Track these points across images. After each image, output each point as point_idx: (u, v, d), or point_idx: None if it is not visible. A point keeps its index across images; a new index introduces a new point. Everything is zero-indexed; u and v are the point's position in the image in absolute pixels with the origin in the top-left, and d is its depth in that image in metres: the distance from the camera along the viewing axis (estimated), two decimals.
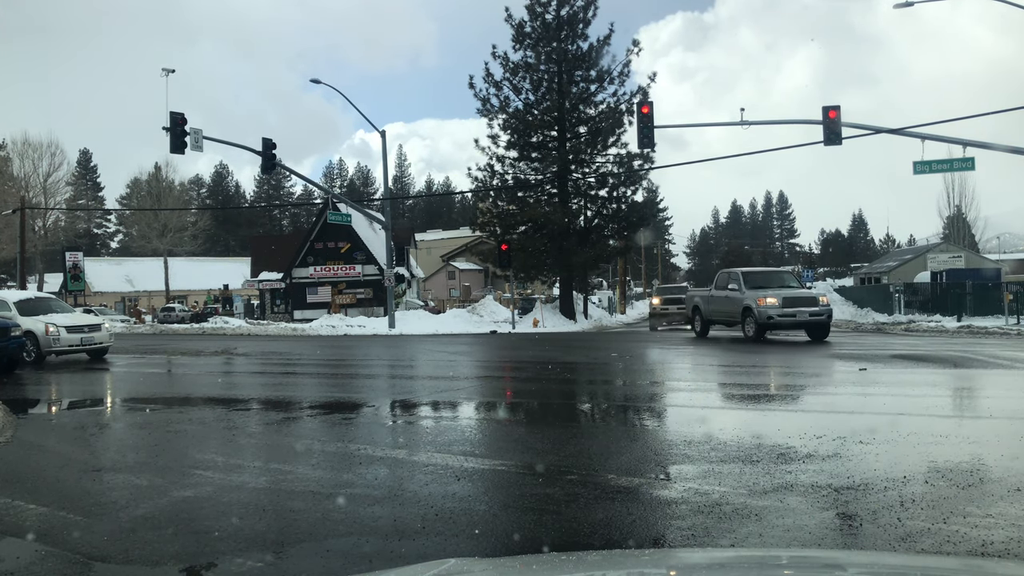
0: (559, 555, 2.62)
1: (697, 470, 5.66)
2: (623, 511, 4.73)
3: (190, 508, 5.00)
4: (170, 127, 23.71)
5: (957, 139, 21.37)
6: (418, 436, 7.69)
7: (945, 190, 65.72)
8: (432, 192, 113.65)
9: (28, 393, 12.79)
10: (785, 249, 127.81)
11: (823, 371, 12.96)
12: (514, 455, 6.55)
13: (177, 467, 6.31)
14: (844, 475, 5.34)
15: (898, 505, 4.62)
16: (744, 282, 20.19)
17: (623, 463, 6.02)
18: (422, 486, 5.36)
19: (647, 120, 22.30)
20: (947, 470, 5.45)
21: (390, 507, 4.90)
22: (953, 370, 12.63)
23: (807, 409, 9.16)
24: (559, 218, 32.24)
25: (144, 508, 5.03)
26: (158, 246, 59.55)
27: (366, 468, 6.02)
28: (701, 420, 8.20)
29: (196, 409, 10.11)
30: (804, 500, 4.80)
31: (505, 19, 33.14)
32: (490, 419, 8.96)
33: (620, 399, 10.77)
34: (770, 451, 6.15)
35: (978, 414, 8.37)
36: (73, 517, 4.87)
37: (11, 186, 52.87)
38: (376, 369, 16.36)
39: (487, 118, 33.89)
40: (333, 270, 42.13)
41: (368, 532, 4.43)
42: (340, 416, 9.24)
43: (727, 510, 4.62)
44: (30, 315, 17.45)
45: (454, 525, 4.47)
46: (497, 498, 5.18)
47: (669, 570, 2.08)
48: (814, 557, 2.69)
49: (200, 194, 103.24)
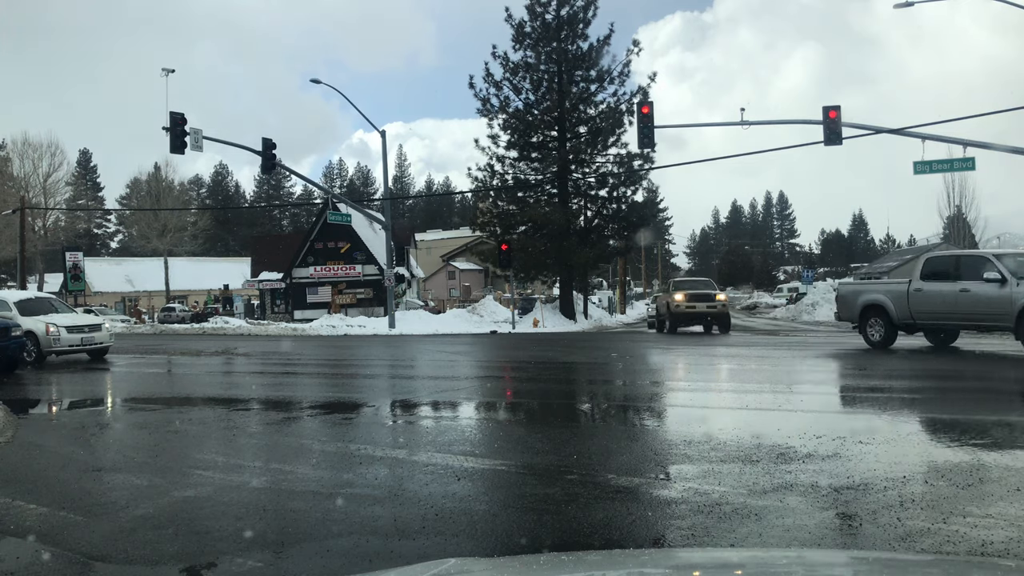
0: (559, 555, 2.62)
1: (697, 470, 5.66)
2: (623, 511, 4.74)
3: (190, 508, 5.01)
4: (170, 127, 23.73)
5: (957, 139, 21.40)
6: (418, 436, 7.69)
7: (945, 190, 65.75)
8: (432, 192, 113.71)
9: (29, 393, 12.80)
10: (785, 249, 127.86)
11: (824, 369, 12.96)
12: (514, 455, 6.55)
13: (177, 467, 6.31)
14: (844, 475, 5.34)
15: (898, 505, 4.62)
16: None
17: (623, 463, 6.02)
18: (422, 486, 5.36)
19: (647, 120, 22.32)
20: (947, 470, 5.45)
21: (390, 507, 4.91)
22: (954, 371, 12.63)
23: (807, 409, 9.15)
24: (559, 218, 32.26)
25: (144, 508, 5.04)
26: (158, 246, 59.56)
27: (366, 468, 6.02)
28: (701, 420, 8.20)
29: (196, 409, 10.12)
30: (804, 500, 4.80)
31: (505, 19, 33.22)
32: (490, 419, 8.96)
33: (620, 399, 10.77)
34: (770, 451, 6.15)
35: (980, 414, 8.36)
36: (73, 517, 4.87)
37: (11, 186, 52.90)
38: (376, 369, 16.36)
39: (487, 118, 33.97)
40: (333, 270, 42.16)
41: (368, 532, 4.43)
42: (340, 416, 9.24)
43: (727, 510, 4.62)
44: (31, 315, 17.46)
45: (454, 525, 4.47)
46: (497, 498, 5.18)
47: (669, 570, 2.07)
48: (814, 557, 2.68)
49: (200, 194, 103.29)
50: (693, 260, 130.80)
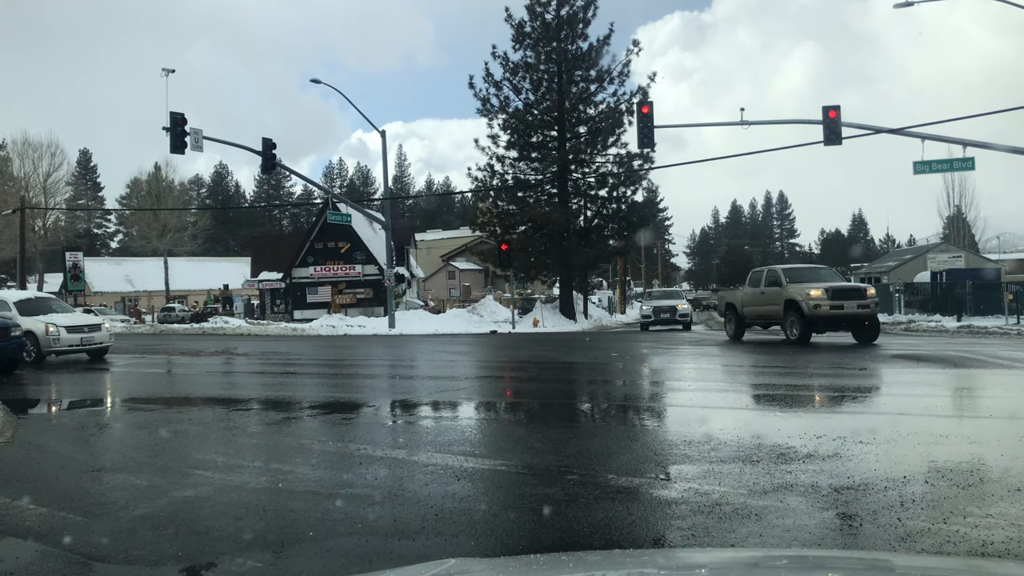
0: (559, 555, 2.62)
1: (697, 470, 5.66)
2: (623, 511, 4.73)
3: (190, 508, 5.00)
4: (170, 127, 23.72)
5: (957, 139, 21.39)
6: (418, 436, 7.69)
7: (945, 190, 65.85)
8: (432, 192, 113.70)
9: (28, 393, 12.79)
10: (785, 249, 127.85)
11: (824, 371, 12.96)
12: (514, 455, 6.55)
13: (177, 467, 6.30)
14: (844, 475, 5.33)
15: (898, 505, 4.61)
16: None
17: (623, 463, 6.02)
18: (422, 486, 5.36)
19: (647, 120, 22.31)
20: (947, 470, 5.44)
21: (390, 507, 4.90)
22: (953, 370, 12.62)
23: (807, 409, 9.16)
24: (559, 218, 32.25)
25: (144, 508, 5.03)
26: (158, 246, 59.55)
27: (366, 468, 6.02)
28: (701, 420, 8.20)
29: (196, 409, 10.11)
30: (804, 500, 4.80)
31: (505, 19, 33.22)
32: (490, 419, 8.96)
33: (620, 399, 10.77)
34: (770, 451, 6.15)
35: (978, 414, 8.36)
36: (73, 517, 4.87)
37: (11, 186, 52.87)
38: (376, 369, 16.36)
39: (487, 118, 33.97)
40: (333, 270, 42.13)
41: (368, 532, 4.43)
42: (340, 416, 9.24)
43: (727, 510, 4.62)
44: (30, 315, 17.45)
45: (454, 525, 4.46)
46: (497, 498, 5.18)
47: (669, 570, 2.06)
48: (814, 557, 2.68)
49: (200, 194, 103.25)
50: (693, 260, 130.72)
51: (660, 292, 38.51)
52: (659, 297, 33.81)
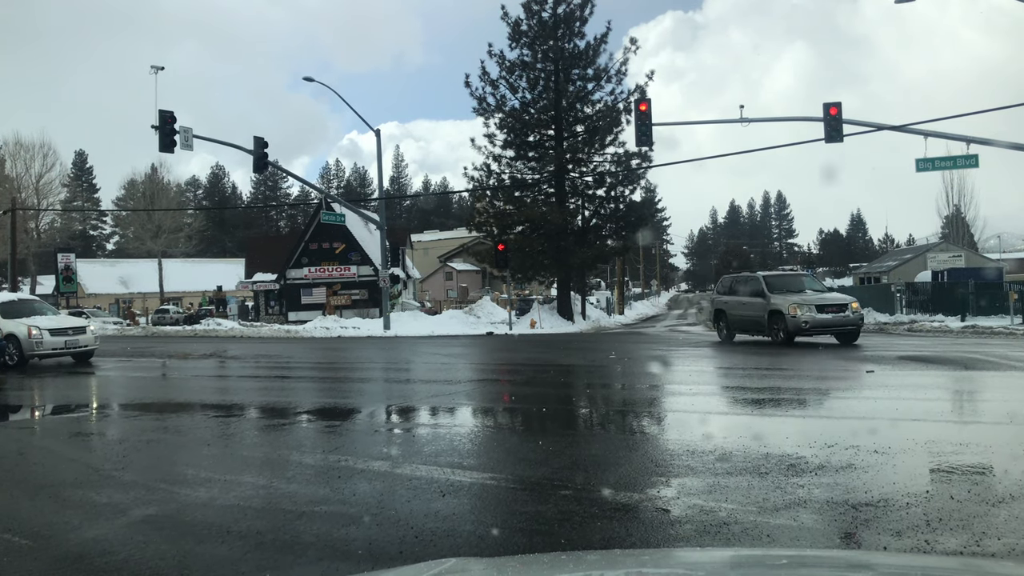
0: (559, 554, 2.56)
1: (702, 484, 5.24)
2: (621, 532, 4.31)
3: (147, 530, 4.57)
4: (159, 125, 23.26)
5: (960, 136, 20.99)
6: (404, 446, 7.27)
7: (944, 190, 65.44)
8: (428, 192, 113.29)
9: (1, 399, 12.34)
10: (784, 249, 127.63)
11: (829, 373, 12.55)
12: (505, 467, 6.12)
13: (143, 481, 5.87)
14: (861, 489, 4.92)
15: (923, 525, 4.20)
16: None
17: (621, 476, 5.60)
18: (404, 503, 4.94)
19: (645, 118, 21.90)
20: (973, 484, 5.03)
21: (366, 529, 4.48)
22: (964, 372, 12.21)
23: (816, 414, 8.75)
24: (556, 218, 31.81)
25: (97, 530, 4.60)
26: (152, 247, 59.04)
27: (345, 482, 5.59)
28: (703, 426, 7.78)
29: (174, 417, 9.67)
30: (819, 518, 4.39)
31: (501, 17, 32.75)
32: (481, 427, 8.53)
33: (619, 404, 10.35)
34: (779, 461, 5.73)
35: (998, 420, 7.92)
36: (18, 541, 4.44)
37: (3, 187, 52.37)
38: (367, 373, 15.93)
39: (483, 117, 33.47)
40: (328, 271, 41.66)
41: (340, 557, 4.02)
42: (324, 424, 8.81)
43: (736, 530, 4.21)
44: (13, 318, 16.99)
45: (435, 549, 4.04)
46: (484, 517, 4.75)
47: (669, 570, 2.03)
48: (814, 557, 2.63)
49: (196, 195, 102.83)
50: (691, 260, 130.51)
51: (780, 279, 20.82)
52: (789, 286, 19.25)
